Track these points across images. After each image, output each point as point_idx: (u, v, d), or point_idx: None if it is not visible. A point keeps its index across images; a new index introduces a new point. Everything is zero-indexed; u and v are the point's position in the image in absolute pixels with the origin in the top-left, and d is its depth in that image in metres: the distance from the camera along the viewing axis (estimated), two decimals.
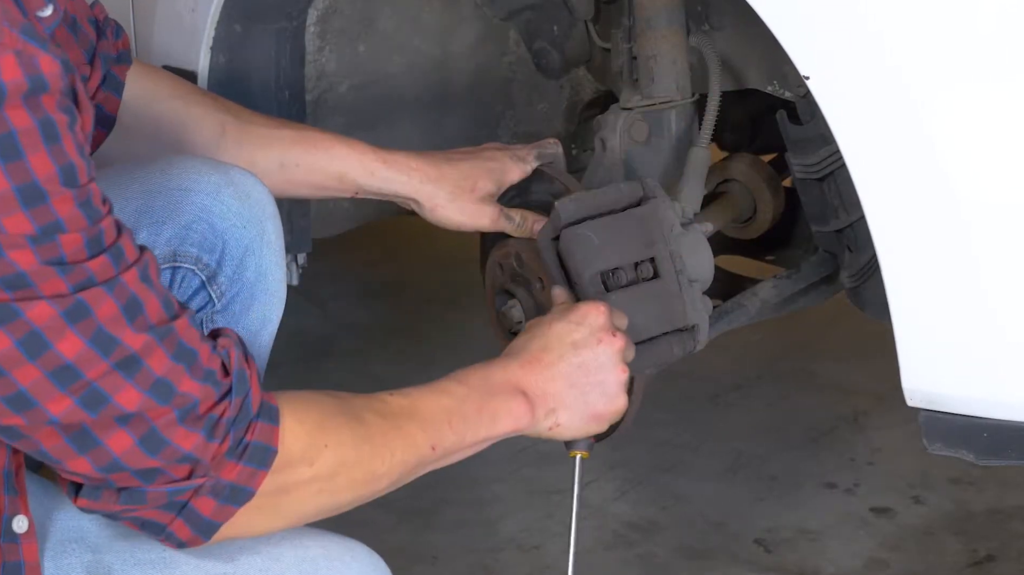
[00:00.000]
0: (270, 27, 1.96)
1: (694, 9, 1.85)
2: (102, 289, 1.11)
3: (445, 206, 1.78)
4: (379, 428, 1.34)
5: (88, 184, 1.10)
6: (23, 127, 1.04)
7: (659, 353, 1.74)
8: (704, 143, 1.82)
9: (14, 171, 1.04)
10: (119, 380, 1.13)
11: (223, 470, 1.22)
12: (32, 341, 1.08)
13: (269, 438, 1.24)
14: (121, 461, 1.17)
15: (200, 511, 1.23)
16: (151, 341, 1.15)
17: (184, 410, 1.18)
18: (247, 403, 1.22)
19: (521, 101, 2.29)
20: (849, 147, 1.43)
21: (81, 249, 1.09)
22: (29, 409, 1.12)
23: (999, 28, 1.35)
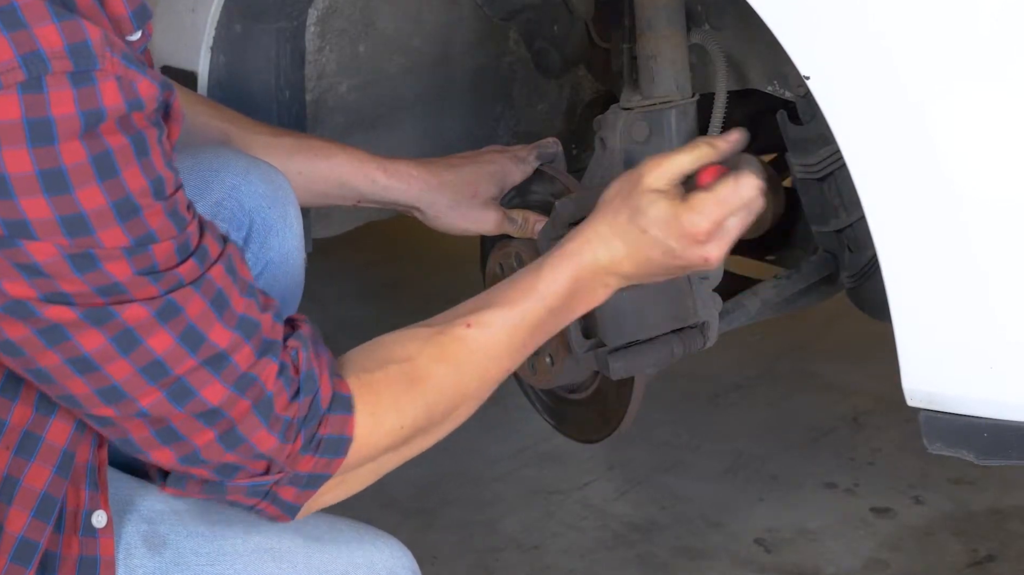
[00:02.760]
0: (270, 27, 1.96)
1: (694, 9, 1.85)
2: (191, 288, 1.15)
3: (447, 213, 1.79)
4: (452, 379, 1.37)
5: (175, 194, 1.15)
6: (117, 145, 1.09)
7: (660, 353, 1.74)
8: None
9: (111, 188, 1.09)
10: (206, 375, 1.18)
11: (299, 464, 1.27)
12: (125, 338, 1.13)
13: (342, 429, 1.28)
14: (201, 455, 1.22)
15: (283, 497, 1.29)
16: (238, 338, 1.19)
17: (263, 406, 1.22)
18: (316, 401, 1.26)
19: (521, 101, 2.28)
20: (849, 147, 1.43)
21: (172, 256, 1.14)
22: (121, 401, 1.17)
23: (999, 28, 1.35)
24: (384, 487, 2.59)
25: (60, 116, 1.05)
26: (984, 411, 1.46)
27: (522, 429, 2.71)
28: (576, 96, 2.32)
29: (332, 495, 1.33)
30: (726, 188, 1.42)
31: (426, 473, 2.62)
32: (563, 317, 1.45)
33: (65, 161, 1.06)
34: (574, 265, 1.43)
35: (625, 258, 1.44)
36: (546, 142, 1.87)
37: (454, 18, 2.17)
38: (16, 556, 1.25)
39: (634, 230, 1.43)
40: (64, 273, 1.10)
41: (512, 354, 1.41)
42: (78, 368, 1.15)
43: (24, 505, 1.25)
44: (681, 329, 1.76)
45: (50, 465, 1.26)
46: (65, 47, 1.06)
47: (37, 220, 1.07)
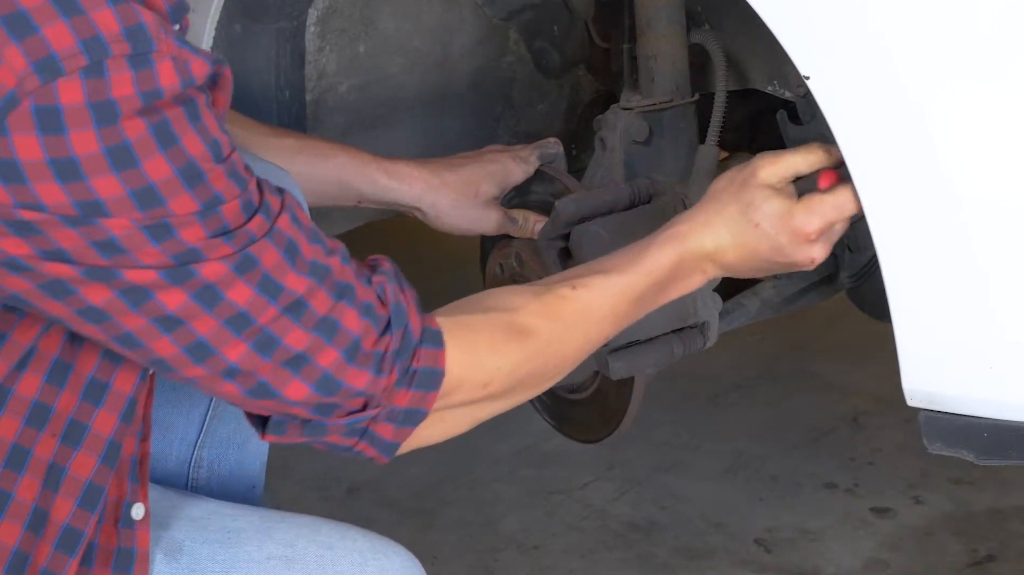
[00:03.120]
0: (270, 27, 1.96)
1: (694, 9, 1.85)
2: (265, 241, 1.18)
3: (449, 213, 1.79)
4: (553, 335, 1.38)
5: (232, 155, 1.17)
6: (173, 114, 1.11)
7: (660, 353, 1.74)
8: (713, 140, 1.82)
9: (174, 156, 1.11)
10: (287, 323, 1.20)
11: (395, 398, 1.28)
12: (206, 294, 1.16)
13: (435, 361, 1.29)
14: (299, 402, 1.24)
15: (381, 435, 1.30)
16: (312, 283, 1.21)
17: (349, 348, 1.23)
18: (408, 333, 1.27)
19: (521, 101, 2.28)
20: (849, 147, 1.43)
21: (239, 214, 1.16)
22: (209, 358, 1.19)
23: (999, 28, 1.34)
24: (384, 487, 2.60)
25: (121, 97, 1.08)
26: (984, 411, 1.46)
27: (522, 429, 2.72)
28: (576, 96, 2.32)
29: (429, 433, 1.34)
30: (845, 194, 1.45)
31: (426, 473, 2.62)
32: (661, 296, 1.48)
33: (129, 136, 1.09)
34: (680, 247, 1.46)
35: (730, 248, 1.47)
36: (547, 142, 1.87)
37: (454, 18, 2.17)
38: (61, 544, 1.26)
39: (745, 223, 1.46)
40: (141, 245, 1.12)
41: (612, 320, 1.43)
42: (164, 327, 1.16)
43: (70, 493, 1.27)
44: (681, 329, 1.76)
45: (96, 454, 1.27)
46: (122, 30, 1.08)
47: (110, 198, 1.10)
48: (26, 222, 1.09)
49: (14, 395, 1.22)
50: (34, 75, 1.06)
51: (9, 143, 1.07)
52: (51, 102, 1.06)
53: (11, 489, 1.23)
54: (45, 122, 1.06)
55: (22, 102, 1.06)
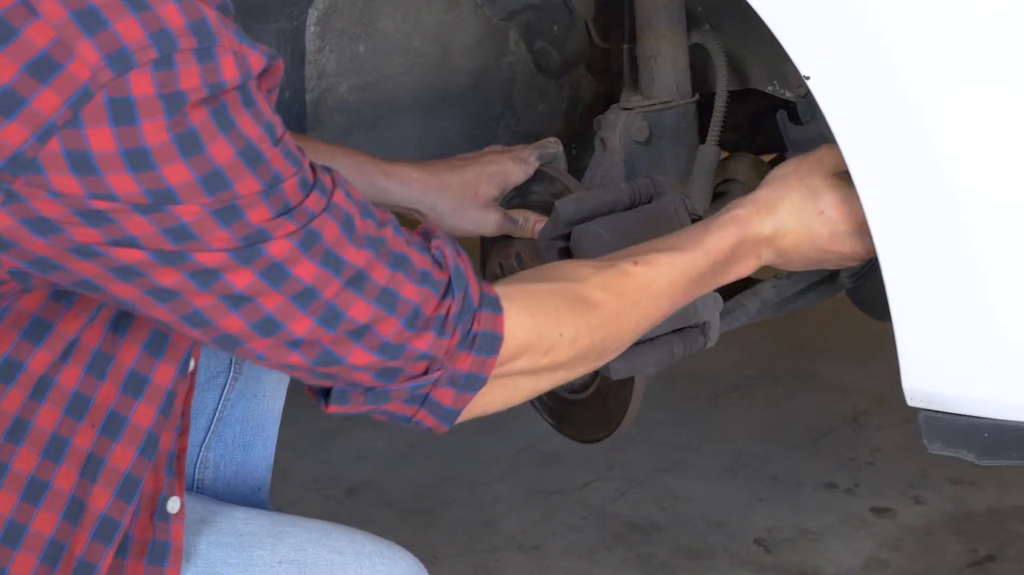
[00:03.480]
0: (270, 27, 1.96)
1: (694, 9, 1.85)
2: (325, 215, 1.20)
3: (448, 215, 1.79)
4: (615, 308, 1.39)
5: (285, 135, 1.19)
6: (229, 99, 1.13)
7: (660, 353, 1.74)
8: (714, 140, 1.82)
9: (234, 138, 1.13)
10: (350, 296, 1.22)
11: (457, 361, 1.29)
12: (273, 272, 1.18)
13: (494, 326, 1.30)
14: (363, 367, 1.25)
15: (441, 401, 1.31)
16: (370, 255, 1.23)
17: (410, 316, 1.25)
18: (468, 296, 1.29)
19: (521, 101, 2.28)
20: (849, 147, 1.43)
21: (298, 192, 1.18)
22: (276, 332, 1.20)
23: (999, 28, 1.35)
24: (384, 487, 2.60)
25: (189, 89, 1.10)
26: (984, 411, 1.46)
27: (522, 429, 2.72)
28: (576, 96, 2.32)
29: (490, 399, 1.35)
30: None
31: (426, 473, 2.62)
32: (718, 278, 1.49)
33: (193, 122, 1.11)
34: (741, 230, 1.48)
35: (789, 233, 1.50)
36: (546, 142, 1.87)
37: (454, 18, 2.17)
38: (98, 534, 1.28)
39: (810, 209, 1.50)
40: (211, 229, 1.14)
41: (672, 298, 1.45)
42: (233, 304, 1.18)
43: (108, 484, 1.28)
44: (682, 329, 1.76)
45: (135, 446, 1.29)
46: (188, 25, 1.10)
47: (180, 185, 1.12)
48: (98, 211, 1.11)
49: (56, 385, 1.24)
50: (107, 68, 1.08)
51: (83, 135, 1.08)
52: (124, 94, 1.08)
53: (49, 478, 1.25)
54: (118, 113, 1.09)
55: (95, 95, 1.08)
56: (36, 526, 1.24)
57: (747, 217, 1.49)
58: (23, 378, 1.22)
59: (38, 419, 1.24)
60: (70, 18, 1.08)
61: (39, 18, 1.07)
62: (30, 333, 1.22)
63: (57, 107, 1.08)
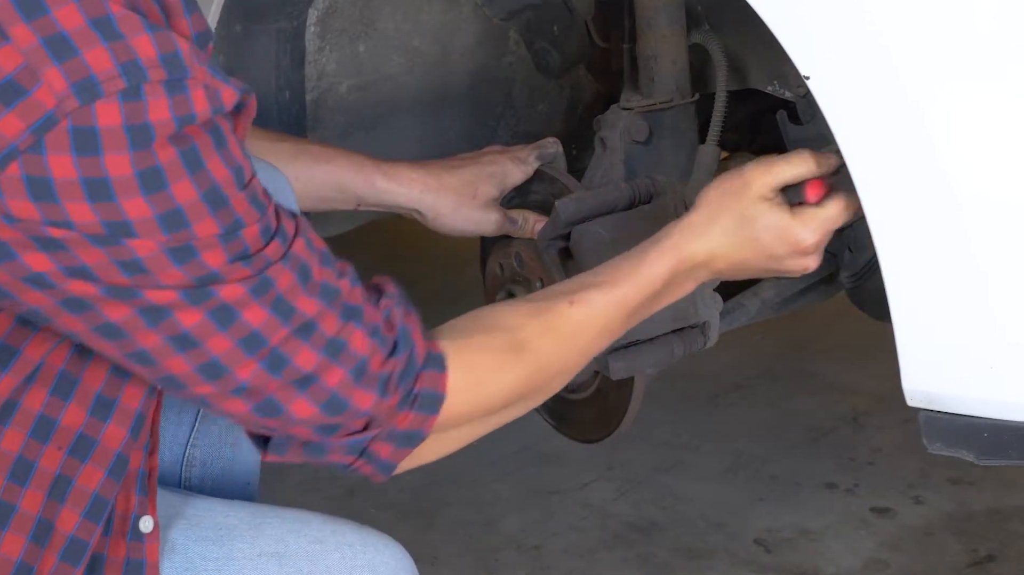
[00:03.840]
0: (270, 27, 1.96)
1: (694, 9, 1.85)
2: (280, 264, 1.20)
3: (448, 215, 1.80)
4: (552, 353, 1.40)
5: (253, 180, 1.19)
6: (201, 140, 1.13)
7: (660, 353, 1.74)
8: (714, 140, 1.82)
9: (200, 180, 1.13)
10: (297, 343, 1.22)
11: (396, 420, 1.29)
12: (222, 313, 1.17)
13: (436, 385, 1.31)
14: (303, 420, 1.25)
15: (379, 454, 1.31)
16: (322, 305, 1.23)
17: (357, 369, 1.25)
18: (413, 356, 1.29)
19: (521, 101, 2.28)
20: (849, 147, 1.43)
21: (258, 238, 1.18)
22: (220, 376, 1.20)
23: (998, 28, 1.34)
24: (384, 488, 2.60)
25: (157, 121, 1.10)
26: (984, 411, 1.46)
27: (522, 429, 2.70)
28: (576, 96, 2.32)
29: (427, 454, 1.36)
30: (837, 207, 1.51)
31: (426, 474, 2.61)
32: (656, 304, 1.50)
33: (160, 160, 1.10)
34: (676, 257, 1.49)
35: (724, 256, 1.51)
36: (546, 142, 1.87)
37: (454, 18, 2.17)
38: (66, 555, 1.27)
39: (742, 234, 1.50)
40: (164, 267, 1.14)
41: (609, 334, 1.45)
42: (179, 345, 1.18)
43: (76, 505, 1.27)
44: (681, 329, 1.76)
45: (103, 467, 1.28)
46: (159, 57, 1.10)
47: (138, 220, 1.11)
48: (53, 239, 1.10)
49: (20, 408, 1.23)
50: (73, 96, 1.07)
51: (44, 161, 1.08)
52: (89, 123, 1.08)
53: (15, 502, 1.24)
54: (81, 143, 1.08)
55: (60, 122, 1.07)
56: (3, 549, 1.24)
57: (682, 244, 1.49)
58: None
59: (3, 442, 1.23)
60: (40, 44, 1.07)
61: (8, 43, 1.07)
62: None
63: (20, 132, 1.07)
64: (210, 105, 1.13)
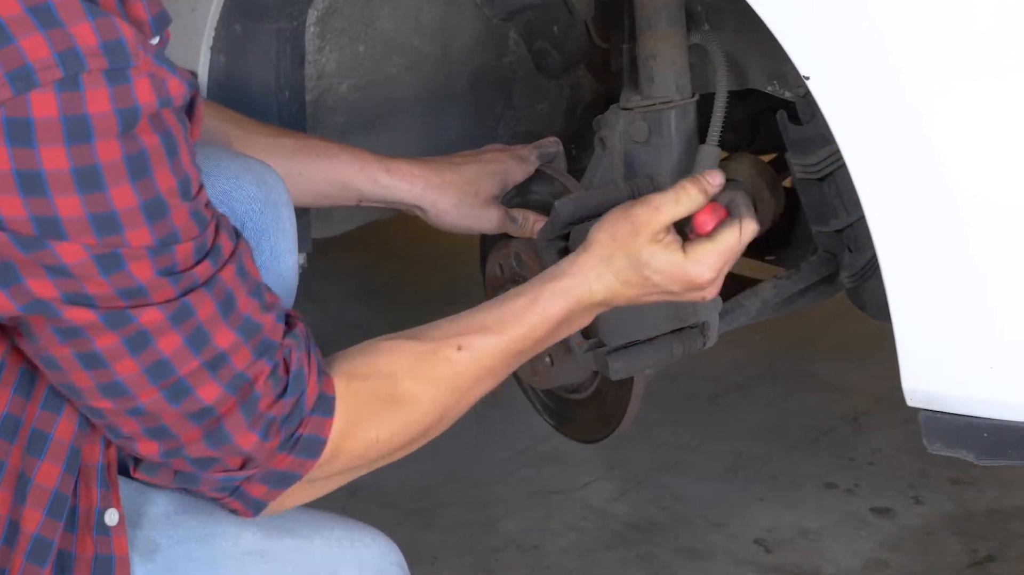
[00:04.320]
0: (270, 27, 1.96)
1: (694, 9, 1.85)
2: (203, 290, 1.17)
3: (450, 212, 1.79)
4: (434, 400, 1.39)
5: (199, 193, 1.16)
6: (151, 144, 1.10)
7: (660, 353, 1.74)
8: (714, 140, 1.82)
9: (143, 187, 1.10)
10: (204, 376, 1.20)
11: (274, 461, 1.28)
12: (138, 339, 1.15)
13: (320, 430, 1.30)
14: (185, 451, 1.24)
15: (250, 493, 1.30)
16: (239, 340, 1.21)
17: (248, 404, 1.23)
18: (302, 401, 1.27)
19: (521, 101, 2.28)
20: (849, 147, 1.43)
21: (190, 256, 1.15)
22: (120, 397, 1.19)
23: (998, 28, 1.35)
24: (384, 487, 2.60)
25: (96, 114, 1.06)
26: (984, 411, 1.46)
27: (522, 429, 2.71)
28: (576, 96, 2.32)
29: (298, 496, 1.35)
30: (730, 238, 1.50)
31: (426, 474, 2.62)
32: (548, 342, 1.50)
33: (100, 159, 1.07)
34: (569, 300, 1.48)
35: (619, 295, 1.51)
36: (546, 142, 1.87)
37: (454, 18, 2.17)
38: (32, 555, 1.26)
39: (635, 276, 1.49)
40: (90, 274, 1.11)
41: (495, 377, 1.45)
42: (86, 363, 1.16)
43: (37, 503, 1.26)
44: (681, 329, 1.76)
45: (59, 463, 1.26)
46: (100, 44, 1.06)
47: (69, 218, 1.08)
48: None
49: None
50: (7, 85, 1.04)
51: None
52: (23, 114, 1.05)
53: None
54: (15, 134, 1.05)
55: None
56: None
57: (576, 286, 1.48)
58: None
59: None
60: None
61: None
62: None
63: None
64: (156, 96, 1.09)
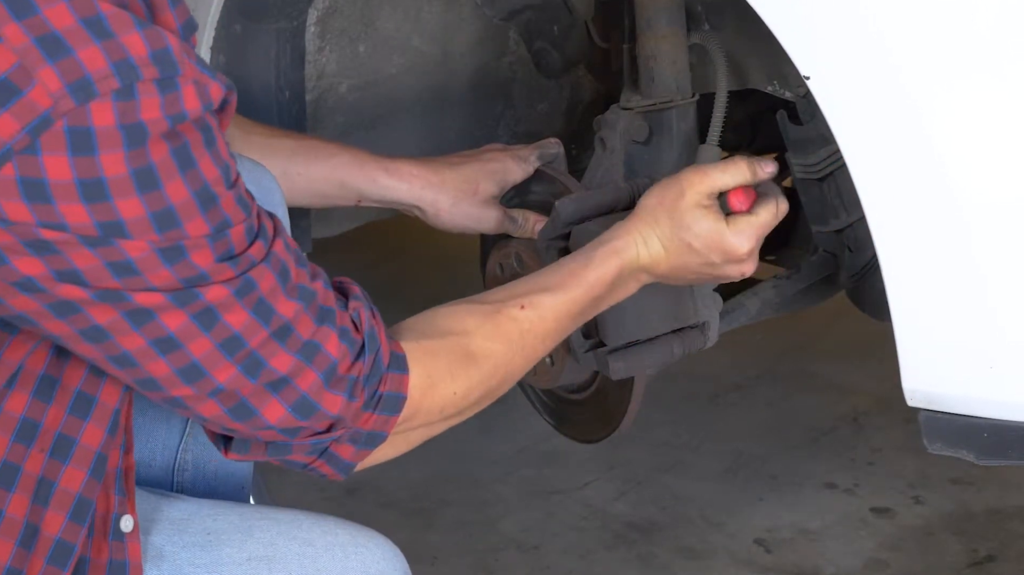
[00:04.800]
0: (270, 27, 1.96)
1: (694, 9, 1.85)
2: (263, 265, 1.21)
3: (448, 211, 1.80)
4: (503, 356, 1.43)
5: (238, 180, 1.19)
6: (192, 138, 1.13)
7: (660, 353, 1.74)
8: (714, 140, 1.82)
9: (191, 179, 1.13)
10: (275, 347, 1.23)
11: (360, 421, 1.31)
12: (206, 316, 1.18)
13: (399, 387, 1.33)
14: (274, 426, 1.27)
15: (340, 455, 1.33)
16: (300, 308, 1.24)
17: (327, 371, 1.26)
18: (379, 358, 1.31)
19: (521, 101, 2.28)
20: (849, 147, 1.43)
21: (243, 239, 1.19)
22: (199, 379, 1.21)
23: (999, 28, 1.35)
24: (384, 487, 2.60)
25: (150, 120, 1.09)
26: (984, 411, 1.46)
27: (522, 429, 2.72)
28: (576, 96, 2.32)
29: (381, 454, 1.37)
30: (768, 214, 1.56)
31: (426, 473, 2.62)
32: (600, 306, 1.54)
33: (153, 158, 1.10)
34: (620, 260, 1.53)
35: (664, 261, 1.55)
36: (547, 142, 1.87)
37: (454, 18, 2.17)
38: (53, 558, 1.26)
39: (678, 241, 1.54)
40: (155, 268, 1.14)
41: (556, 336, 1.49)
42: (162, 348, 1.18)
43: (61, 507, 1.27)
44: (681, 329, 1.76)
45: (85, 468, 1.28)
46: (150, 54, 1.10)
47: (132, 220, 1.11)
48: (46, 241, 1.10)
49: (2, 412, 1.23)
50: (68, 96, 1.07)
51: (39, 163, 1.08)
52: (84, 124, 1.07)
53: (2, 507, 1.23)
54: (77, 143, 1.08)
55: (55, 123, 1.07)
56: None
57: (624, 248, 1.53)
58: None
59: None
60: (32, 44, 1.06)
61: (0, 42, 1.06)
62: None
63: (15, 132, 1.06)
64: (200, 102, 1.13)
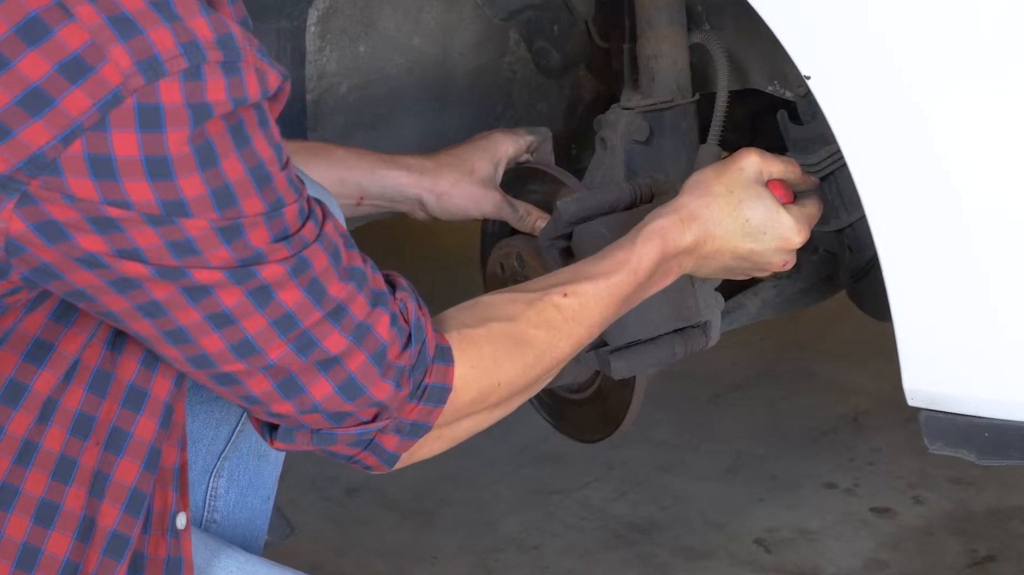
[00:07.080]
0: (270, 27, 1.96)
1: (695, 9, 1.85)
2: (316, 245, 1.22)
3: (448, 192, 1.81)
4: (547, 343, 1.42)
5: (289, 162, 1.21)
6: (248, 117, 1.15)
7: (661, 353, 1.74)
8: (715, 140, 1.82)
9: (247, 156, 1.15)
10: (328, 327, 1.24)
11: (405, 411, 1.31)
12: (261, 293, 1.19)
13: (445, 378, 1.33)
14: (320, 406, 1.27)
15: (385, 446, 1.33)
16: (352, 289, 1.26)
17: (377, 354, 1.27)
18: (425, 349, 1.31)
19: (521, 101, 2.28)
20: (850, 147, 1.43)
21: (296, 219, 1.21)
22: (252, 355, 1.22)
23: (1000, 28, 1.35)
24: (384, 487, 2.60)
25: (215, 101, 1.12)
26: (985, 411, 1.46)
27: (522, 429, 2.71)
28: (576, 96, 2.32)
29: (428, 449, 1.37)
30: (815, 207, 1.57)
31: (426, 474, 2.62)
32: (644, 293, 1.52)
33: (211, 135, 1.12)
34: (663, 243, 1.50)
35: (710, 240, 1.53)
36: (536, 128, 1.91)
37: (454, 18, 2.17)
38: (109, 550, 1.28)
39: (733, 220, 1.53)
40: (213, 246, 1.15)
41: (601, 323, 1.48)
42: (216, 323, 1.20)
43: (116, 499, 1.28)
44: (683, 328, 1.76)
45: (139, 460, 1.29)
46: (215, 39, 1.12)
47: (192, 198, 1.13)
48: (110, 219, 1.12)
49: (60, 407, 1.24)
50: (139, 74, 1.09)
51: (108, 139, 1.09)
52: (153, 101, 1.09)
53: (59, 500, 1.25)
54: (146, 120, 1.10)
55: (126, 100, 1.09)
56: (50, 548, 1.25)
57: (670, 228, 1.51)
58: (28, 401, 1.23)
59: (46, 441, 1.24)
60: (104, 23, 1.09)
61: (74, 20, 1.08)
62: (32, 355, 1.23)
63: (85, 109, 1.08)
64: (260, 88, 1.15)
